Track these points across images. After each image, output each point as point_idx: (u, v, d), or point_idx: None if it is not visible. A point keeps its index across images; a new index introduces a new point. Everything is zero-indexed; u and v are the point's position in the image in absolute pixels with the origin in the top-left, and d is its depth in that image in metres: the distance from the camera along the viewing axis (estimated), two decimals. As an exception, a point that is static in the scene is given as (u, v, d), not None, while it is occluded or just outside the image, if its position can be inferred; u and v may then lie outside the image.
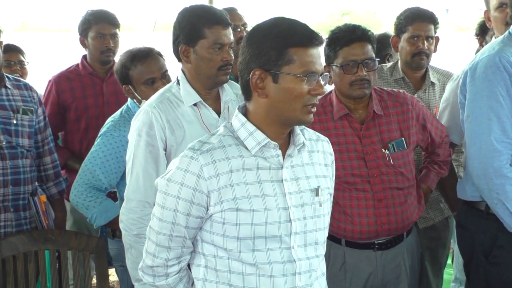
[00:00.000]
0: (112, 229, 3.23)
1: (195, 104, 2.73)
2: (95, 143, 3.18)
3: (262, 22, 2.07)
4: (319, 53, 2.03)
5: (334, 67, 2.87)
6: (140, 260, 2.53)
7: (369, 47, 2.87)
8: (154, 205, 2.63)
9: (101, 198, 3.11)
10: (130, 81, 3.15)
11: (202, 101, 2.74)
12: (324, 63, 2.91)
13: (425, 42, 3.60)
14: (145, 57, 3.14)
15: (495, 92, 2.59)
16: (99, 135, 3.20)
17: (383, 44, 4.08)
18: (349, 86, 2.85)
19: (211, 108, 2.76)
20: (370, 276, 2.93)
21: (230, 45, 2.70)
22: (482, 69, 2.64)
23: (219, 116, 2.77)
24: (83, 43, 4.03)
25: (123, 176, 3.12)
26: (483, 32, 4.16)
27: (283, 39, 1.97)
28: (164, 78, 3.15)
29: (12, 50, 4.16)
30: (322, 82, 2.02)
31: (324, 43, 2.92)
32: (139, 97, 3.14)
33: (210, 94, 2.77)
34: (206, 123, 2.72)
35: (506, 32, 2.74)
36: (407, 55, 3.64)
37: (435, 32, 3.67)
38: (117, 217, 3.05)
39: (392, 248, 2.94)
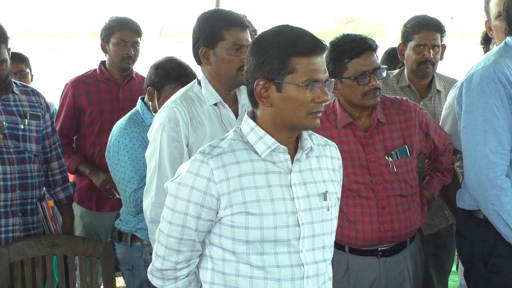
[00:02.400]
0: (119, 232, 3.25)
1: (215, 104, 2.77)
2: (113, 159, 3.18)
3: (266, 30, 2.09)
4: (323, 60, 2.04)
5: (343, 80, 2.86)
6: None
7: (376, 55, 2.89)
8: None
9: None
10: (160, 90, 3.18)
11: (222, 101, 2.78)
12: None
13: (431, 50, 3.61)
14: (189, 81, 3.14)
15: (490, 103, 2.60)
16: (110, 149, 3.20)
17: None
18: (362, 96, 2.85)
19: (230, 109, 2.80)
20: (373, 283, 2.94)
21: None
22: (477, 80, 2.65)
23: (236, 118, 2.80)
24: (104, 48, 4.03)
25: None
26: (487, 40, 4.18)
27: (285, 48, 1.99)
28: None
29: (14, 59, 4.09)
30: (326, 90, 2.03)
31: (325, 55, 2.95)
32: (156, 106, 3.16)
33: (229, 96, 2.81)
34: (225, 123, 2.76)
35: (502, 43, 2.75)
36: (413, 63, 3.66)
37: (442, 41, 3.68)
38: None
39: (396, 254, 2.95)
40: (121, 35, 3.96)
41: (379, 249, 2.92)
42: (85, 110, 3.99)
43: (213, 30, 2.71)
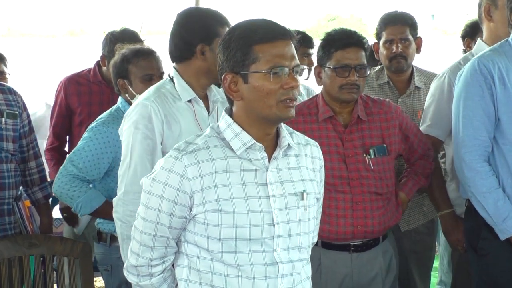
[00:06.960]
0: (98, 232, 3.23)
1: (189, 101, 2.77)
2: (82, 137, 3.20)
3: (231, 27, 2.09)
4: (290, 47, 2.01)
5: (326, 68, 2.91)
6: None
7: (363, 53, 2.92)
8: None
9: (85, 187, 3.11)
10: (127, 75, 3.20)
11: (197, 97, 2.78)
12: (316, 63, 2.99)
13: (399, 45, 3.62)
14: (148, 54, 3.23)
15: (472, 92, 2.79)
16: (86, 130, 3.22)
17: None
18: (339, 89, 2.89)
19: (203, 106, 2.80)
20: (345, 278, 2.95)
21: None
22: (464, 73, 2.85)
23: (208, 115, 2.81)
24: (103, 61, 3.97)
25: (107, 173, 3.16)
26: (466, 35, 4.23)
27: (245, 38, 1.99)
28: (161, 78, 3.18)
29: None
30: (297, 76, 2.00)
31: (319, 44, 2.98)
32: (133, 92, 3.16)
33: (203, 92, 2.82)
34: (199, 120, 2.76)
35: (504, 41, 2.86)
36: (385, 60, 3.69)
37: (415, 34, 3.69)
38: (102, 206, 3.09)
39: (368, 250, 2.97)
40: None
41: (351, 244, 2.94)
42: (75, 110, 3.99)
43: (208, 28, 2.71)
